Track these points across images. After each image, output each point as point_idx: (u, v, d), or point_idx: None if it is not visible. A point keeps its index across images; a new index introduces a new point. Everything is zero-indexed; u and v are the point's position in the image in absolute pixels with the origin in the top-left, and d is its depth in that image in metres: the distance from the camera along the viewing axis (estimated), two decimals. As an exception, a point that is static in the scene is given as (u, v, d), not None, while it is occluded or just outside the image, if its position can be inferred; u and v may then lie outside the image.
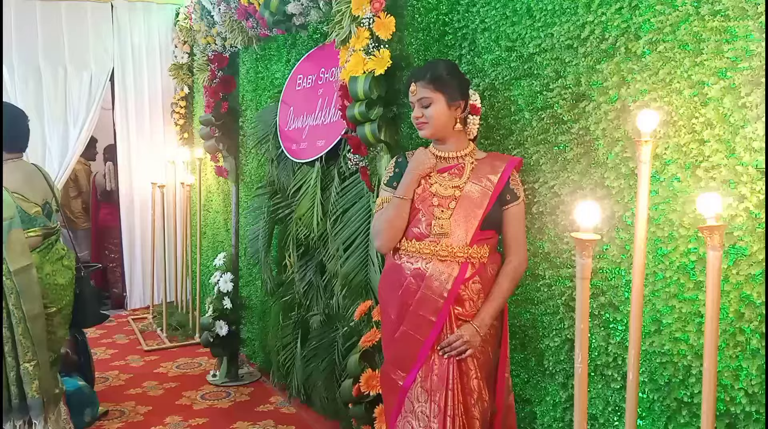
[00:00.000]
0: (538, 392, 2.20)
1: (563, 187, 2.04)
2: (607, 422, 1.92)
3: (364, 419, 2.58)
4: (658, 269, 1.73)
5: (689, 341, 1.66)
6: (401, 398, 2.03)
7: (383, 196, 2.16)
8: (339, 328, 3.21)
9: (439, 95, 2.02)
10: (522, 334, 2.24)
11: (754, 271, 1.50)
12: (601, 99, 1.88)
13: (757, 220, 1.49)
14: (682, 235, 1.66)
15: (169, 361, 4.64)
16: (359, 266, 3.01)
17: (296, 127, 3.62)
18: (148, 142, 5.97)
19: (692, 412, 1.66)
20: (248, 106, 4.42)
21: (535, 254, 2.16)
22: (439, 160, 2.10)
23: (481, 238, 2.01)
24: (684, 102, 1.64)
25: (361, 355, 2.64)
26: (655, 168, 1.71)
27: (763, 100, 1.46)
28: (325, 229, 3.29)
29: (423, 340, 1.98)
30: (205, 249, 5.39)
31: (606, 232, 1.89)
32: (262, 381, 4.19)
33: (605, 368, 1.92)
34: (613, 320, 1.89)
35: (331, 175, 3.31)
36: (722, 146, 1.56)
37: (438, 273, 1.98)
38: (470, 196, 2.01)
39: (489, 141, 2.33)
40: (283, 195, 3.75)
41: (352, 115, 2.74)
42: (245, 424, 3.48)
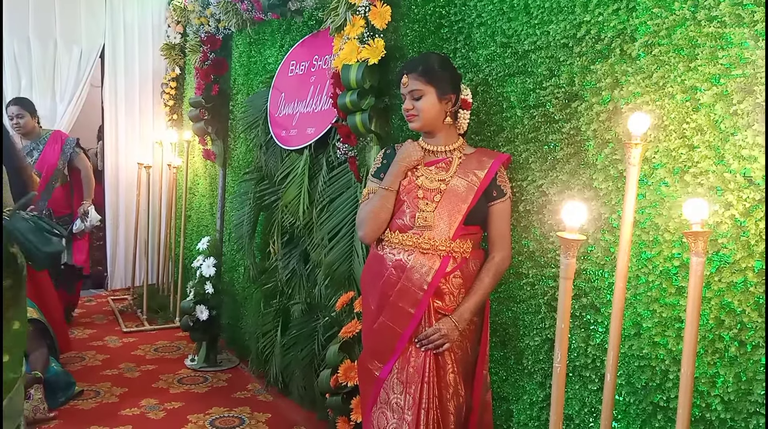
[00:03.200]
0: (516, 390, 2.20)
1: (551, 186, 2.03)
2: (583, 423, 1.92)
3: (341, 410, 2.57)
4: (641, 273, 1.73)
5: (668, 346, 1.66)
6: (377, 389, 2.03)
7: (369, 187, 2.14)
8: (320, 318, 3.20)
9: (430, 88, 2.00)
10: (503, 332, 2.24)
11: (736, 279, 1.50)
12: (594, 100, 1.87)
13: (741, 229, 1.49)
14: (667, 240, 1.66)
15: (147, 343, 4.60)
16: (343, 256, 2.99)
17: (287, 114, 3.59)
18: (137, 122, 5.91)
19: (667, 416, 1.66)
20: (239, 90, 4.38)
21: (519, 252, 2.15)
22: (427, 153, 2.08)
23: (464, 233, 2.00)
24: (676, 106, 1.64)
25: (341, 346, 2.63)
26: (643, 171, 1.71)
27: (754, 108, 1.46)
28: (311, 217, 3.26)
29: (401, 332, 1.98)
30: (189, 232, 5.35)
31: (591, 234, 1.89)
32: (241, 368, 4.17)
33: (583, 369, 1.92)
34: (594, 322, 1.89)
35: (320, 163, 3.29)
36: (711, 153, 1.55)
37: (419, 265, 1.97)
38: (456, 191, 2.00)
39: (479, 137, 2.32)
40: (270, 181, 3.72)
41: (343, 104, 2.72)
42: (221, 409, 3.46)
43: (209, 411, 3.43)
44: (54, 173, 4.62)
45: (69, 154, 4.73)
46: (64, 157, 4.71)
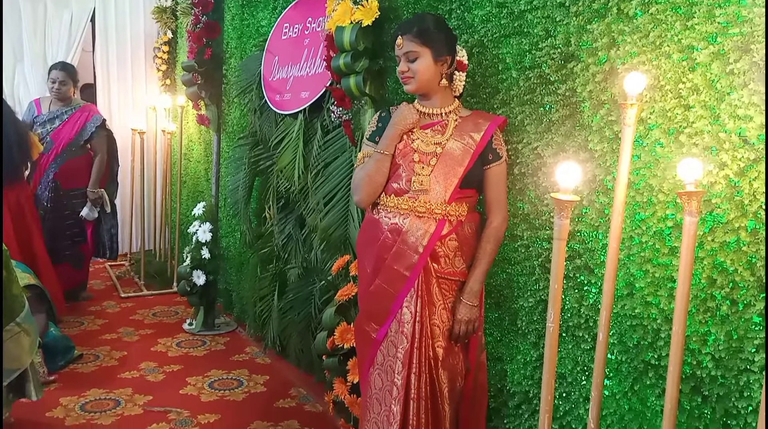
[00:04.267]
0: (510, 351, 2.23)
1: (546, 148, 2.03)
2: (575, 381, 1.96)
3: (338, 371, 2.61)
4: (634, 234, 1.74)
5: (660, 305, 1.68)
6: (374, 350, 2.05)
7: (365, 151, 2.14)
8: (316, 282, 3.22)
9: (425, 49, 1.98)
10: (497, 294, 2.26)
11: (729, 239, 1.51)
12: (590, 60, 1.86)
13: (735, 188, 1.49)
14: (661, 201, 1.67)
15: (145, 308, 4.63)
16: (339, 221, 3.00)
17: (281, 78, 3.55)
18: (129, 87, 5.85)
19: (658, 374, 1.69)
20: (233, 53, 4.33)
21: (514, 215, 2.16)
22: (423, 116, 2.07)
23: (460, 196, 2.00)
24: (672, 66, 1.62)
25: (337, 309, 2.65)
26: (638, 132, 1.71)
27: (750, 67, 1.45)
28: (306, 182, 3.26)
29: (396, 294, 1.99)
30: (185, 198, 5.34)
31: (586, 196, 1.89)
32: (238, 331, 4.20)
33: (576, 329, 1.94)
34: (588, 283, 1.91)
35: (314, 128, 3.27)
36: (707, 113, 1.55)
37: (414, 229, 1.98)
38: (451, 154, 1.99)
39: (475, 99, 2.30)
40: (264, 146, 3.70)
41: (336, 66, 2.69)
42: (220, 372, 3.50)
43: (208, 373, 3.47)
44: (66, 147, 4.49)
45: (90, 132, 4.58)
46: (84, 133, 4.55)
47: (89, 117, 4.59)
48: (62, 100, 4.52)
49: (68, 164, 4.51)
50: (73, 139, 4.51)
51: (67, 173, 4.51)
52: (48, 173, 4.46)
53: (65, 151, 4.49)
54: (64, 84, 4.47)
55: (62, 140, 4.49)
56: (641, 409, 1.74)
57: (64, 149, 4.48)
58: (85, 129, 4.55)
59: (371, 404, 2.05)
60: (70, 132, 4.51)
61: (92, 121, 4.59)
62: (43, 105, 4.56)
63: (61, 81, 4.44)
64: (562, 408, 2.00)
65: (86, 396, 3.15)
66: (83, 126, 4.54)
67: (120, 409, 3.02)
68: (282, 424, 2.92)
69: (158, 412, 3.00)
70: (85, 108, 4.65)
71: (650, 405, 1.72)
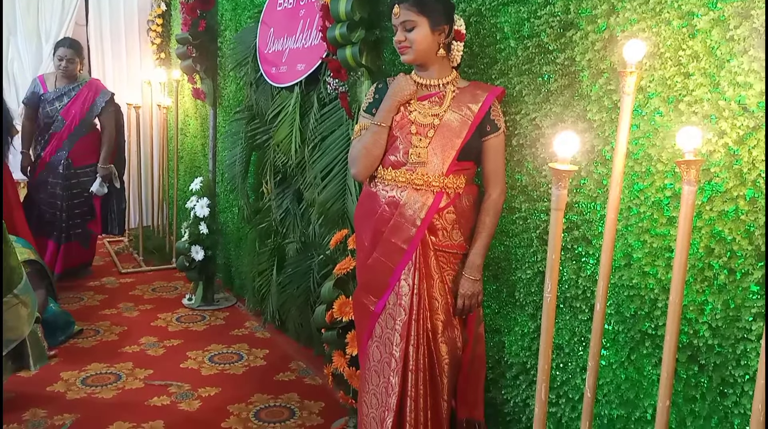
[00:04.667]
0: (508, 323, 2.23)
1: (545, 119, 2.01)
2: (572, 352, 1.96)
3: (336, 344, 2.61)
4: (632, 204, 1.73)
5: (657, 275, 1.68)
6: (372, 323, 2.06)
7: (361, 123, 2.12)
8: (315, 256, 3.21)
9: (422, 19, 1.95)
10: (495, 266, 2.26)
11: (728, 208, 1.50)
12: (589, 28, 1.83)
13: (734, 157, 1.48)
14: (659, 171, 1.65)
15: (144, 284, 4.64)
16: (336, 195, 2.99)
17: (276, 50, 3.51)
18: (124, 61, 5.78)
19: (655, 343, 1.69)
20: (227, 26, 4.27)
21: (512, 187, 2.15)
22: (420, 88, 2.05)
23: (457, 169, 1.99)
24: (672, 33, 1.60)
25: (336, 283, 2.65)
26: (638, 101, 1.69)
27: (750, 33, 1.42)
28: (304, 156, 3.24)
29: (393, 268, 1.99)
30: (182, 173, 5.32)
31: (584, 166, 1.88)
32: (238, 306, 4.22)
33: (574, 300, 1.94)
34: (586, 254, 1.90)
35: (311, 100, 3.24)
36: (706, 80, 1.53)
37: (412, 202, 1.97)
38: (449, 125, 1.97)
39: (472, 70, 2.28)
40: (261, 120, 3.67)
41: (332, 37, 2.65)
42: (220, 346, 3.52)
43: (208, 348, 3.49)
44: (79, 124, 4.44)
45: (100, 107, 4.52)
46: (95, 109, 4.50)
47: (97, 92, 4.53)
48: (69, 77, 4.44)
49: (80, 142, 4.48)
50: (85, 116, 4.46)
51: (79, 151, 4.48)
52: (60, 152, 4.41)
53: (78, 128, 4.44)
54: (72, 62, 4.38)
55: (74, 117, 4.42)
56: (638, 379, 1.75)
57: (77, 126, 4.43)
58: (95, 105, 4.49)
59: (370, 376, 2.06)
60: (81, 109, 4.44)
61: (101, 96, 4.53)
62: (48, 82, 4.47)
63: (68, 59, 4.35)
64: (559, 378, 2.01)
65: (87, 370, 3.17)
66: (93, 102, 4.48)
67: (121, 383, 3.04)
68: (282, 396, 2.94)
69: (159, 386, 3.02)
70: (92, 83, 4.58)
71: (647, 374, 1.73)
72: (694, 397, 1.61)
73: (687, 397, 1.62)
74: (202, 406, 2.85)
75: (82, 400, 2.88)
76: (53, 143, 4.41)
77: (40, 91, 4.43)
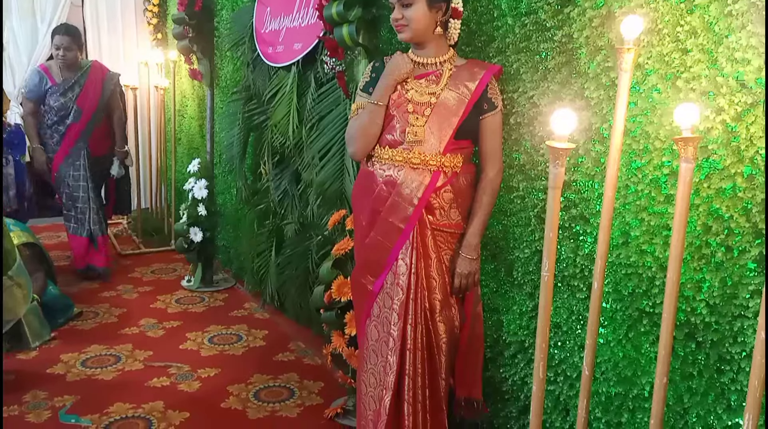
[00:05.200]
0: (506, 302, 2.23)
1: (542, 97, 1.99)
2: (570, 330, 1.97)
3: (335, 325, 2.62)
4: (630, 182, 1.72)
5: (655, 253, 1.67)
6: (370, 302, 2.06)
7: (358, 102, 2.10)
8: (313, 237, 3.21)
9: (419, -4, 1.93)
10: (493, 246, 2.26)
11: (725, 185, 1.49)
12: (587, 4, 1.81)
13: (732, 134, 1.47)
14: (657, 148, 1.64)
15: (143, 266, 4.65)
16: (335, 175, 2.98)
17: (273, 29, 3.48)
18: (120, 42, 5.74)
19: (653, 321, 1.69)
20: (224, 5, 4.23)
21: (510, 166, 2.14)
22: (417, 66, 2.03)
23: (455, 147, 1.98)
24: (670, 9, 1.58)
25: (334, 263, 2.65)
26: (635, 78, 1.67)
27: (749, 8, 1.41)
28: (301, 137, 3.22)
29: (391, 247, 1.99)
30: (180, 155, 5.30)
31: (582, 144, 1.87)
32: (237, 287, 4.23)
33: (572, 279, 1.94)
34: (583, 232, 1.90)
35: (308, 80, 3.22)
36: (704, 56, 1.51)
37: (409, 181, 1.96)
38: (446, 104, 1.96)
39: (470, 48, 2.25)
40: (258, 101, 3.65)
41: (329, 15, 2.63)
42: (219, 327, 3.53)
43: (207, 329, 3.50)
44: (96, 110, 4.26)
45: (110, 91, 4.35)
46: (105, 94, 4.31)
47: (104, 76, 4.35)
48: (71, 67, 4.19)
49: (97, 130, 4.32)
50: (98, 102, 4.28)
51: (96, 140, 4.33)
52: (79, 143, 4.22)
53: (95, 115, 4.28)
54: (70, 49, 4.12)
55: (90, 106, 4.23)
56: (635, 356, 1.76)
57: (94, 114, 4.26)
58: (105, 89, 4.31)
59: (368, 355, 2.07)
60: (94, 96, 4.25)
61: (108, 79, 4.36)
62: (53, 72, 4.20)
63: (65, 47, 4.09)
64: (557, 356, 2.01)
65: (87, 352, 3.18)
66: (102, 86, 4.30)
67: (121, 365, 3.06)
68: (281, 377, 2.96)
69: (159, 367, 3.03)
70: (96, 67, 4.37)
71: (644, 352, 1.73)
72: (692, 374, 1.61)
73: (684, 374, 1.63)
74: (202, 386, 2.87)
75: (82, 381, 2.89)
76: (71, 136, 4.19)
77: (47, 83, 4.15)
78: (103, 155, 4.44)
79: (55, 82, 4.15)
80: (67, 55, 4.11)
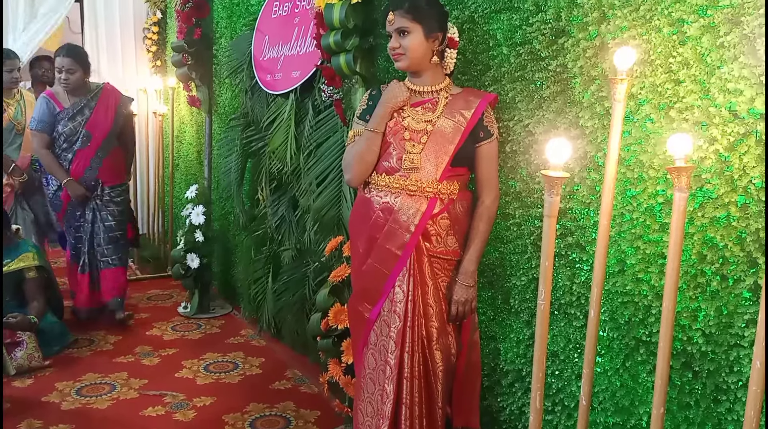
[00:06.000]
0: (503, 329, 2.23)
1: (538, 125, 2.01)
2: (568, 359, 1.96)
3: (332, 352, 2.61)
4: (625, 210, 1.73)
5: (651, 282, 1.68)
6: (367, 330, 2.05)
7: (355, 129, 2.12)
8: (310, 263, 3.21)
9: (416, 25, 1.96)
10: (490, 273, 2.26)
11: (719, 214, 1.50)
12: (581, 35, 1.83)
13: (725, 163, 1.48)
14: (651, 177, 1.66)
15: (140, 292, 4.63)
16: (332, 201, 2.99)
17: (271, 57, 3.52)
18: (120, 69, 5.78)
19: (650, 350, 1.69)
20: (222, 33, 4.28)
21: (506, 193, 2.15)
22: (413, 94, 2.05)
23: (451, 175, 1.99)
24: (662, 40, 1.60)
25: (331, 290, 2.65)
26: (629, 108, 1.69)
27: (740, 40, 1.43)
28: (299, 163, 3.24)
29: (388, 274, 1.99)
30: (178, 181, 5.31)
31: (578, 173, 1.88)
32: (233, 314, 4.21)
33: (569, 307, 1.94)
34: (580, 260, 1.90)
35: (306, 107, 3.24)
36: (697, 87, 1.53)
37: (406, 208, 1.97)
38: (442, 131, 1.97)
39: (466, 76, 2.28)
40: (256, 127, 3.67)
41: (327, 45, 2.66)
42: (215, 355, 3.51)
43: (203, 356, 3.48)
44: (108, 137, 3.83)
45: (123, 116, 3.97)
46: (119, 119, 3.91)
47: (117, 99, 3.94)
48: (76, 90, 3.79)
49: (110, 157, 3.88)
50: (111, 127, 3.85)
51: (109, 168, 3.88)
52: (89, 172, 3.80)
53: (106, 142, 3.84)
54: (72, 71, 3.71)
55: (101, 131, 3.81)
56: (633, 386, 1.75)
57: (105, 141, 3.83)
58: (118, 114, 3.91)
59: (365, 384, 2.06)
60: (106, 122, 3.83)
61: (122, 104, 3.96)
62: (60, 98, 3.80)
63: (67, 69, 3.69)
64: (555, 385, 2.00)
65: (82, 380, 3.15)
66: (115, 110, 3.89)
67: (115, 393, 3.03)
68: (277, 405, 2.93)
69: (154, 396, 3.01)
70: (108, 90, 3.93)
71: (642, 381, 1.72)
72: (689, 404, 1.60)
73: (681, 404, 1.62)
74: (197, 416, 2.84)
75: (76, 410, 2.86)
76: (79, 162, 3.78)
77: (55, 109, 3.76)
78: (117, 185, 3.96)
79: (63, 107, 3.78)
80: (70, 78, 3.72)
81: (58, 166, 3.78)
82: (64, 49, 3.79)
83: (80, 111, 3.79)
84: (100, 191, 3.87)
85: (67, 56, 3.72)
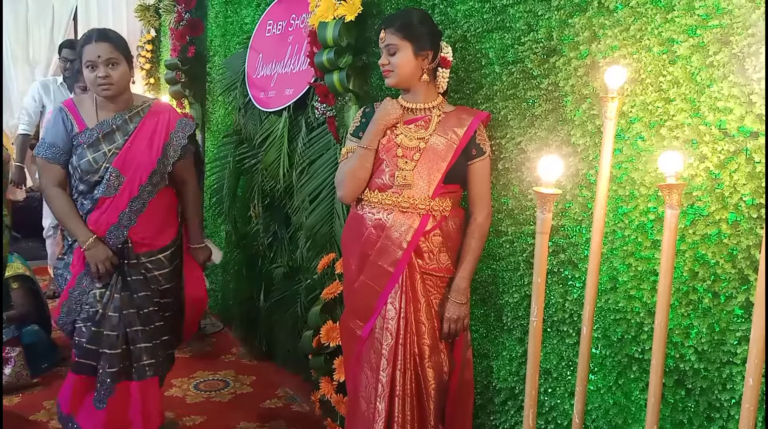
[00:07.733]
0: (496, 347, 2.22)
1: (530, 143, 2.02)
2: (560, 376, 1.95)
3: (324, 370, 2.59)
4: (617, 227, 1.74)
5: (643, 299, 1.68)
6: (359, 348, 2.04)
7: (348, 146, 2.12)
8: (302, 281, 3.20)
9: (406, 43, 1.97)
10: (482, 290, 2.25)
11: (710, 232, 1.51)
12: (572, 54, 1.85)
13: (716, 181, 1.49)
14: (643, 194, 1.66)
15: (130, 309, 4.58)
16: (324, 219, 2.98)
17: (265, 75, 3.53)
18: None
19: (642, 368, 1.69)
20: (216, 51, 4.30)
21: (498, 210, 2.15)
22: (406, 112, 2.06)
23: (443, 192, 1.99)
24: (653, 59, 1.62)
25: (323, 308, 2.64)
26: (620, 126, 1.70)
27: (730, 59, 1.45)
28: (292, 180, 3.24)
29: (380, 291, 1.98)
30: (171, 198, 5.29)
31: (569, 190, 1.89)
32: (225, 332, 4.17)
33: (561, 324, 1.94)
34: (572, 277, 1.90)
35: (299, 125, 3.25)
36: (687, 105, 1.55)
37: (398, 224, 1.97)
38: (435, 149, 1.98)
39: (458, 95, 2.29)
40: (249, 144, 3.68)
41: (320, 63, 2.67)
42: (206, 373, 3.47)
43: (193, 375, 3.44)
44: (149, 179, 2.40)
45: (179, 149, 2.48)
46: (172, 151, 2.46)
47: (172, 124, 2.48)
48: (117, 99, 2.38)
49: (149, 211, 2.43)
50: (156, 165, 2.41)
51: (146, 226, 2.44)
52: (115, 230, 2.36)
53: (144, 187, 2.40)
54: (116, 63, 2.31)
55: (138, 171, 2.38)
56: (626, 404, 1.74)
57: (143, 185, 2.39)
58: (169, 145, 2.46)
59: (357, 402, 2.04)
60: (149, 156, 2.41)
61: (178, 129, 2.49)
62: (84, 112, 2.39)
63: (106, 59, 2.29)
64: (548, 403, 1.99)
65: (70, 398, 3.11)
66: (167, 140, 2.45)
67: (104, 411, 2.98)
68: (269, 424, 2.90)
69: (143, 414, 2.96)
70: (160, 108, 2.52)
71: (635, 399, 1.72)
72: (682, 421, 1.60)
73: (674, 422, 1.61)
74: (187, 434, 2.81)
75: None
76: (101, 215, 2.37)
77: (73, 128, 2.35)
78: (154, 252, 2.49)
79: (84, 127, 2.37)
80: (113, 76, 2.31)
81: (76, 214, 2.38)
82: (94, 33, 2.35)
83: (107, 136, 2.37)
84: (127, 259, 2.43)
85: (102, 40, 2.31)
